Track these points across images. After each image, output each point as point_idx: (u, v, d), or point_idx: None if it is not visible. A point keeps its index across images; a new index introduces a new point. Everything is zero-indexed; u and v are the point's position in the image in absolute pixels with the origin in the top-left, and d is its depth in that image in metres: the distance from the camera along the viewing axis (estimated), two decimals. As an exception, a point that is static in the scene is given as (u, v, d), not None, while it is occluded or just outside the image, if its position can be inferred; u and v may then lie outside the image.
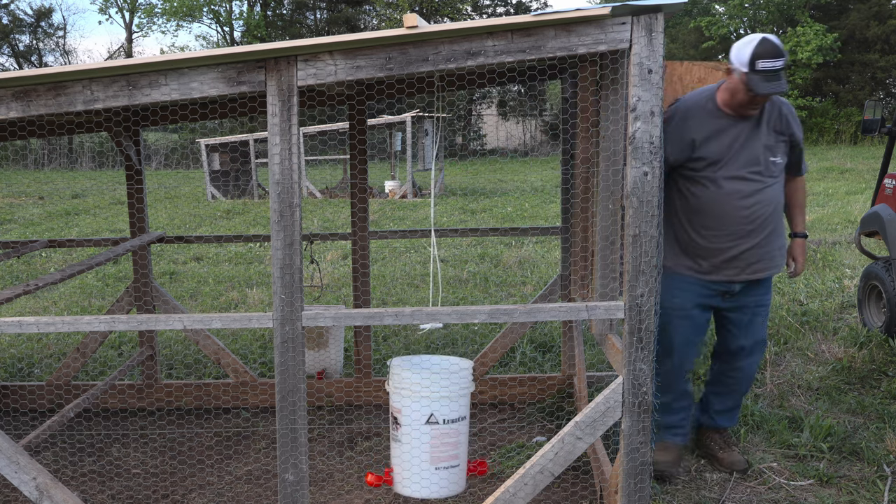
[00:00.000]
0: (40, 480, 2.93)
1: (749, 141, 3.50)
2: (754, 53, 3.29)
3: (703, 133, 3.48)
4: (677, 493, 3.61)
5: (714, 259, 3.57)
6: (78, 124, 4.50)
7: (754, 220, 3.51)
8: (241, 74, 2.64)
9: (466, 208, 14.54)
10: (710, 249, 3.56)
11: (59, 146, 28.84)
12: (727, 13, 33.02)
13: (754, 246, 3.55)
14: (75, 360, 4.70)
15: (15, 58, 39.32)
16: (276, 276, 2.73)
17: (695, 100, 3.56)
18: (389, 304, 7.30)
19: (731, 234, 3.52)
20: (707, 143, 3.48)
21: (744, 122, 3.49)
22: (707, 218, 3.53)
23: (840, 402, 4.61)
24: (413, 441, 3.52)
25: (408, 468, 3.55)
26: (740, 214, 3.49)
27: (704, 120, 3.50)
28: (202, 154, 18.94)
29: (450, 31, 2.56)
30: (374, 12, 39.68)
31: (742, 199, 3.49)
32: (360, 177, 4.57)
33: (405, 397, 3.53)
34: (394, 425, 3.62)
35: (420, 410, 3.51)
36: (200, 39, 44.55)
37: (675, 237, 3.64)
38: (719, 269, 3.58)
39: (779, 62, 3.30)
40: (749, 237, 3.53)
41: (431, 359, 3.86)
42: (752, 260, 3.57)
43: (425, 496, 3.58)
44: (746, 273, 3.60)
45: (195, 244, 10.32)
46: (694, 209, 3.55)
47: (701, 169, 3.50)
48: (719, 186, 3.48)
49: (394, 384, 3.60)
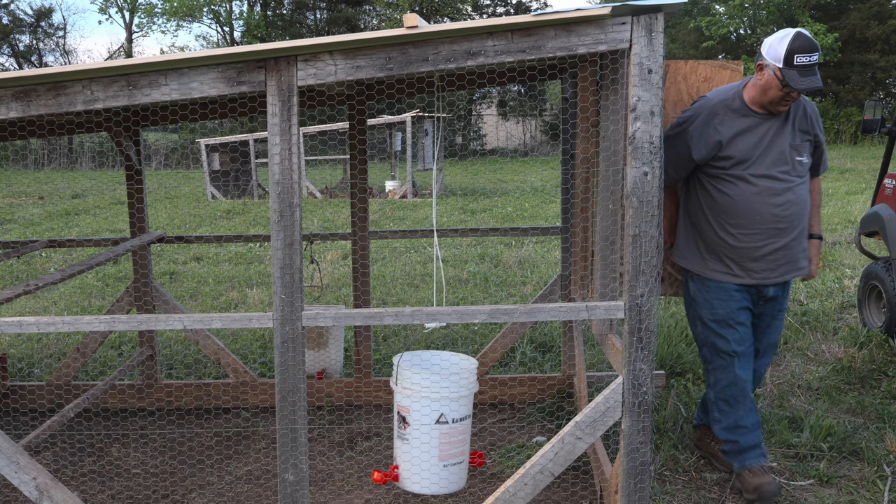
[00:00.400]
0: (40, 480, 2.93)
1: (776, 140, 3.42)
2: (790, 48, 3.21)
3: (730, 131, 3.40)
4: (677, 493, 3.61)
5: (744, 260, 3.47)
6: (78, 124, 4.50)
7: (785, 218, 3.43)
8: (241, 74, 2.64)
9: (466, 208, 14.54)
10: (740, 249, 3.46)
11: (59, 146, 28.84)
12: (727, 13, 33.03)
13: (783, 246, 3.46)
14: (75, 360, 4.70)
15: (15, 58, 39.34)
16: (276, 276, 2.73)
17: (720, 97, 3.47)
18: (389, 304, 7.30)
19: (762, 233, 3.43)
20: (734, 142, 3.40)
21: (771, 121, 3.41)
22: (737, 216, 3.43)
23: (840, 402, 4.61)
24: (422, 439, 3.58)
25: (416, 466, 3.61)
26: (772, 213, 3.40)
27: (731, 118, 3.41)
28: (202, 154, 18.95)
29: (450, 31, 2.56)
30: (374, 12, 39.70)
31: (774, 197, 3.40)
32: (360, 177, 4.57)
33: (415, 398, 3.57)
34: (400, 424, 3.65)
35: (430, 411, 3.57)
36: (200, 39, 44.59)
37: (702, 238, 3.54)
38: (750, 270, 3.48)
39: (815, 56, 3.22)
40: (779, 236, 3.44)
41: (440, 355, 3.91)
42: (781, 261, 3.49)
43: (434, 492, 3.65)
44: (776, 275, 3.50)
45: (195, 244, 10.32)
46: (722, 208, 3.45)
47: (728, 167, 3.42)
48: (750, 184, 3.40)
49: (402, 384, 3.61)
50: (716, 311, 3.54)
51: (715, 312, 3.54)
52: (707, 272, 3.55)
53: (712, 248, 3.52)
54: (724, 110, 3.44)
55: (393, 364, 3.76)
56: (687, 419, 4.36)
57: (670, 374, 5.08)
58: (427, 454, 3.60)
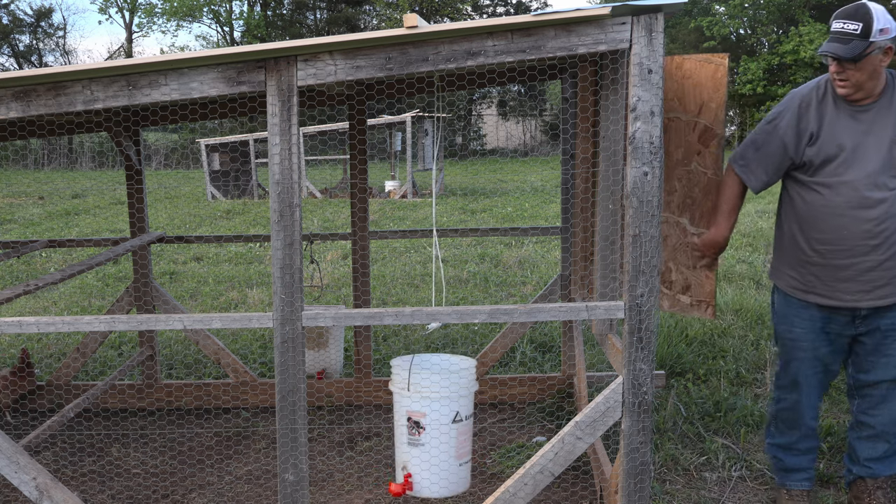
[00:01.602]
0: (40, 480, 2.93)
1: (872, 136, 3.00)
2: (834, 15, 2.95)
3: (819, 123, 3.05)
4: (677, 493, 3.61)
5: (829, 279, 3.09)
6: (78, 124, 4.50)
7: (879, 234, 2.99)
8: (241, 74, 2.64)
9: (466, 208, 14.54)
10: (825, 267, 3.09)
11: (59, 146, 28.85)
12: (727, 13, 33.02)
13: (878, 266, 3.02)
14: (75, 360, 4.70)
15: (15, 58, 39.34)
16: (276, 276, 2.73)
17: (810, 86, 3.14)
18: (389, 304, 7.30)
19: (849, 251, 3.02)
20: (822, 138, 3.04)
21: (866, 113, 3.01)
22: (821, 229, 3.05)
23: (840, 402, 4.61)
24: (441, 439, 3.58)
25: (434, 468, 3.60)
26: (862, 228, 2.99)
27: (818, 111, 3.06)
28: (202, 154, 18.95)
29: (450, 31, 2.56)
30: (374, 12, 39.71)
31: (864, 210, 2.98)
32: (360, 177, 4.57)
33: (434, 398, 3.57)
34: (413, 430, 3.60)
35: (448, 410, 3.59)
36: (200, 39, 44.55)
37: (787, 248, 3.23)
38: (837, 291, 3.09)
39: (851, 24, 2.87)
40: (872, 254, 3.01)
41: (434, 357, 3.90)
42: (878, 282, 3.05)
43: (450, 493, 3.65)
44: (870, 298, 3.07)
45: (195, 244, 10.32)
46: (805, 217, 3.10)
47: (814, 169, 3.06)
48: (836, 192, 3.01)
49: (415, 388, 3.59)
50: (794, 329, 3.26)
51: (793, 332, 3.26)
52: (791, 290, 3.23)
53: (795, 261, 3.19)
54: (812, 102, 3.09)
55: (394, 369, 3.72)
56: (687, 419, 4.36)
57: (670, 374, 5.08)
58: (445, 454, 3.60)
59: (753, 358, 5.34)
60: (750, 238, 10.19)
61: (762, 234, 10.38)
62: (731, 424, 4.27)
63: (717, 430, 4.24)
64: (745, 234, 10.50)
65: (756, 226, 11.14)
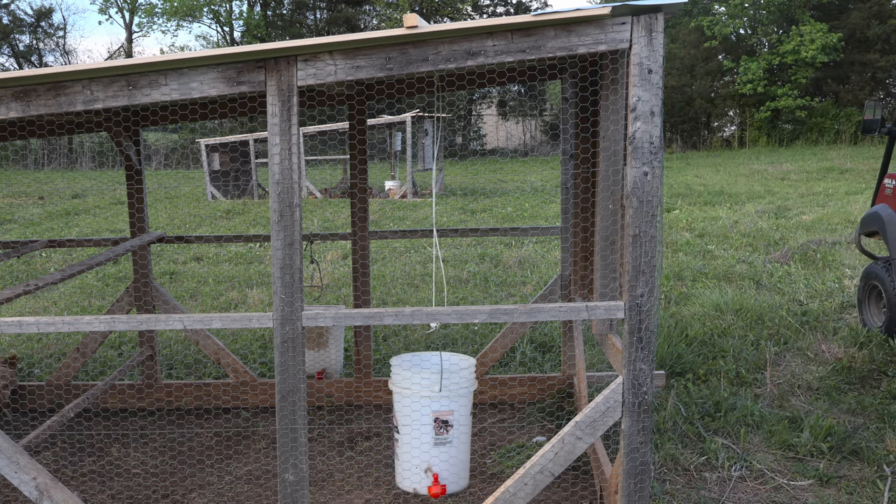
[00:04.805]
0: (40, 480, 2.93)
1: None
2: None
3: None
4: (677, 493, 3.61)
5: None
6: (78, 124, 4.50)
7: None
8: (241, 74, 2.64)
9: (466, 208, 14.54)
10: None
11: (59, 146, 28.84)
12: (727, 13, 33.00)
13: None
14: (75, 360, 4.70)
15: (15, 58, 39.32)
16: (276, 276, 2.73)
17: None
18: (389, 304, 7.30)
19: None
20: None
21: None
22: None
23: (840, 402, 4.61)
24: (466, 433, 3.71)
25: (461, 463, 3.72)
26: None
27: None
28: (202, 154, 18.94)
29: (450, 31, 2.56)
30: (374, 12, 39.69)
31: None
32: (360, 177, 4.57)
33: (461, 393, 3.66)
34: (441, 429, 3.61)
35: (468, 403, 3.73)
36: (200, 39, 44.51)
37: None
38: None
39: None
40: None
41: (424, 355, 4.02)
42: None
43: (468, 483, 3.79)
44: None
45: (195, 244, 10.32)
46: None
47: None
48: None
49: (447, 388, 3.61)
50: None
51: None
52: None
53: None
54: None
55: (394, 369, 3.73)
56: (687, 419, 4.36)
57: (670, 374, 5.08)
58: (467, 446, 3.76)
59: (753, 358, 5.34)
60: (750, 238, 10.19)
61: (762, 234, 10.38)
62: (731, 424, 4.27)
63: (717, 430, 4.24)
64: (745, 234, 10.50)
65: (756, 226, 11.14)
